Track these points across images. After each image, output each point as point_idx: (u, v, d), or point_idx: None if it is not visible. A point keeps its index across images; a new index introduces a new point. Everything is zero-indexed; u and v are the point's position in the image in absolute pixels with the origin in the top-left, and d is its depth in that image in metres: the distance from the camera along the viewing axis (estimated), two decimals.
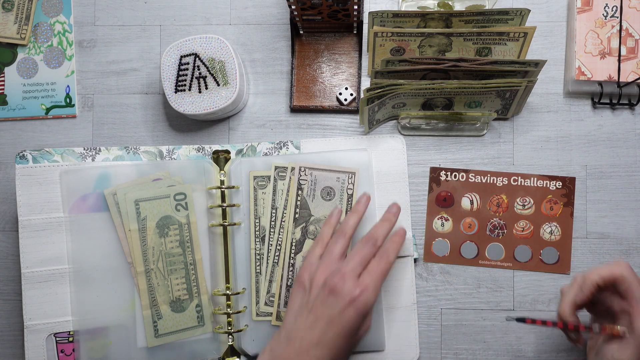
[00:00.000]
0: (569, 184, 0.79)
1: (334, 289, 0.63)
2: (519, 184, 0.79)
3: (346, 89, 0.80)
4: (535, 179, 0.79)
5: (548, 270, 0.78)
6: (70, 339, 0.76)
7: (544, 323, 0.65)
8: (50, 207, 0.76)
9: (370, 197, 0.73)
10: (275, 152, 0.79)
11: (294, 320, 0.65)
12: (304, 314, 0.64)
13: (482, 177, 0.79)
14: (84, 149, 0.78)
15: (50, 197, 0.76)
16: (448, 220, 0.79)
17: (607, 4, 0.77)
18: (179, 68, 0.76)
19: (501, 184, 0.79)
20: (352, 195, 0.77)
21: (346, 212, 0.76)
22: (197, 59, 0.76)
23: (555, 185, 0.79)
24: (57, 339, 0.76)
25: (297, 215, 0.77)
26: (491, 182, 0.79)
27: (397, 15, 0.73)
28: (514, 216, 0.79)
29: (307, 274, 0.67)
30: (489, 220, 0.79)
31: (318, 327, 0.63)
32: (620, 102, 0.78)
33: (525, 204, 0.79)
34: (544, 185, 0.79)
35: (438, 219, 0.79)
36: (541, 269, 0.78)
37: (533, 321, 0.65)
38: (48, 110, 0.82)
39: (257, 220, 0.77)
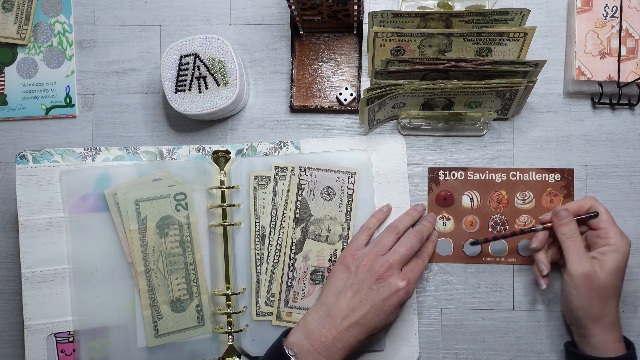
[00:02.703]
0: (567, 175, 0.79)
1: (382, 277, 0.68)
2: (518, 178, 0.79)
3: (346, 89, 0.80)
4: (534, 172, 0.79)
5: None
6: (71, 339, 0.76)
7: (495, 238, 0.75)
8: (51, 207, 0.76)
9: (426, 207, 0.80)
10: (275, 152, 0.79)
11: (336, 298, 0.69)
12: (348, 294, 0.69)
13: (481, 174, 0.79)
14: (84, 149, 0.78)
15: (50, 197, 0.76)
16: (449, 219, 0.79)
17: (607, 4, 0.77)
18: (179, 68, 0.76)
19: (500, 180, 0.79)
20: (352, 195, 0.77)
21: (346, 212, 0.76)
22: (197, 59, 0.75)
23: (554, 178, 0.79)
24: (58, 339, 0.76)
25: (297, 215, 0.77)
26: (490, 178, 0.79)
27: (397, 15, 0.73)
28: (515, 211, 0.79)
29: (353, 258, 0.72)
30: (490, 217, 0.79)
31: (361, 309, 0.67)
32: (620, 102, 0.78)
33: (526, 198, 0.79)
34: (543, 179, 0.79)
35: (439, 219, 0.79)
36: None
37: (486, 240, 0.75)
38: (48, 110, 0.82)
39: (257, 220, 0.77)
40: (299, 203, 0.77)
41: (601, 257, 0.69)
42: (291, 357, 0.66)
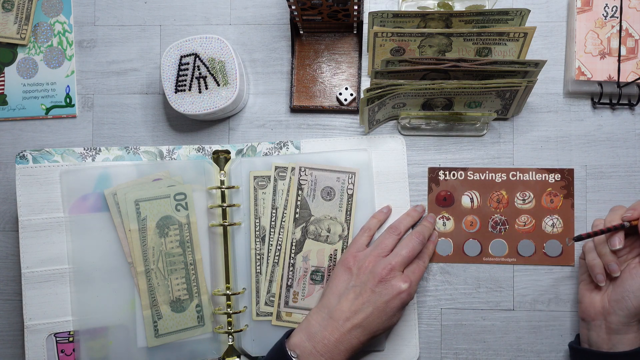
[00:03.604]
0: (567, 175, 0.79)
1: (384, 279, 0.68)
2: (518, 178, 0.79)
3: (346, 89, 0.80)
4: (534, 172, 0.79)
5: (552, 263, 0.78)
6: (71, 339, 0.76)
7: (595, 233, 0.71)
8: (51, 207, 0.76)
9: (426, 208, 0.79)
10: (275, 152, 0.79)
11: (338, 300, 0.69)
12: (350, 296, 0.69)
13: (481, 174, 0.79)
14: (84, 149, 0.78)
15: (50, 197, 0.76)
16: (449, 219, 0.79)
17: (607, 4, 0.77)
18: (179, 68, 0.76)
19: (500, 180, 0.79)
20: (352, 195, 0.77)
21: (346, 212, 0.76)
22: (197, 59, 0.75)
23: (554, 178, 0.79)
24: (58, 339, 0.76)
25: (297, 215, 0.77)
26: (490, 178, 0.79)
27: (397, 15, 0.73)
28: (515, 211, 0.79)
29: (354, 259, 0.71)
30: (490, 217, 0.79)
31: (364, 311, 0.67)
32: (620, 102, 0.78)
33: (525, 198, 0.79)
34: (543, 179, 0.79)
35: (439, 219, 0.79)
36: (545, 262, 0.78)
37: (588, 235, 0.70)
38: (48, 110, 0.82)
39: (257, 220, 0.77)
40: (299, 203, 0.77)
41: None
42: (293, 358, 0.66)
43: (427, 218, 0.77)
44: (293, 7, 0.73)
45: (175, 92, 0.76)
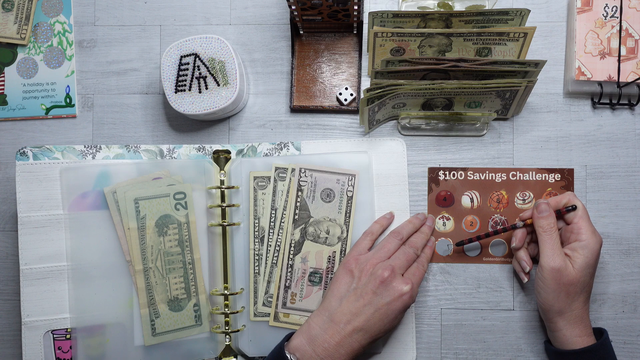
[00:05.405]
0: (567, 175, 0.79)
1: (385, 281, 0.68)
2: (518, 178, 0.79)
3: (346, 89, 0.80)
4: (534, 172, 0.79)
5: None
6: (68, 336, 0.76)
7: (479, 238, 0.76)
8: (50, 204, 0.76)
9: (428, 216, 0.79)
10: (275, 153, 0.79)
11: (339, 303, 0.68)
12: (351, 299, 0.68)
13: (481, 174, 0.79)
14: (85, 146, 0.78)
15: (50, 194, 0.76)
16: (449, 219, 0.79)
17: (607, 4, 0.77)
18: (179, 68, 0.76)
19: (500, 180, 0.79)
20: (351, 197, 0.76)
21: (345, 214, 0.76)
22: (197, 59, 0.76)
23: (554, 178, 0.79)
24: (55, 336, 0.75)
25: (296, 217, 0.77)
26: (490, 178, 0.79)
27: (397, 15, 0.73)
28: (515, 211, 0.79)
29: (356, 262, 0.71)
30: (490, 217, 0.79)
31: (365, 313, 0.67)
32: (620, 102, 0.78)
33: (526, 198, 0.79)
34: (543, 179, 0.79)
35: (439, 219, 0.79)
36: None
37: (470, 240, 0.76)
38: (48, 110, 0.82)
39: (257, 221, 0.77)
40: (298, 204, 0.77)
41: (572, 253, 0.70)
42: None
43: (426, 223, 0.77)
44: (293, 7, 0.73)
45: (175, 92, 0.76)
